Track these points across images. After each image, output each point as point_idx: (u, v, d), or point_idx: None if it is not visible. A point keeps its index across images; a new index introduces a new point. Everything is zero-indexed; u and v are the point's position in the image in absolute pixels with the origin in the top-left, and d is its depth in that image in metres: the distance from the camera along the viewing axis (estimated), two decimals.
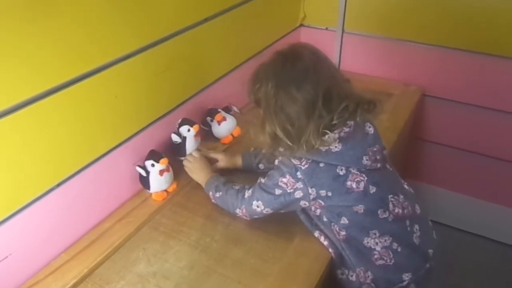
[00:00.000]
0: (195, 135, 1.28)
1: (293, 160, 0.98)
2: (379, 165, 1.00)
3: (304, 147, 0.94)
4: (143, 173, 1.17)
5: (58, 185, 1.00)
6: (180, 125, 1.28)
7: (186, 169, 1.24)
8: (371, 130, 1.01)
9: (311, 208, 1.04)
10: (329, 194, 0.97)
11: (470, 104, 1.71)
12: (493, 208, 1.85)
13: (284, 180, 0.99)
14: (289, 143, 0.95)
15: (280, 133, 0.95)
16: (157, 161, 1.16)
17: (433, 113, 1.80)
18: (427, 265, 1.05)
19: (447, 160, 1.87)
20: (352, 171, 0.97)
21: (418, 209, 1.08)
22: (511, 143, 1.71)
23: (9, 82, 0.84)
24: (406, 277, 1.01)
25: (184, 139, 1.27)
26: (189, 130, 1.27)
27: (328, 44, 1.85)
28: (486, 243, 1.89)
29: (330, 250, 1.04)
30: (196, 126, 1.27)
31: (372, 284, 1.01)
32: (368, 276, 1.01)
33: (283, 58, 0.98)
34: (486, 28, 1.56)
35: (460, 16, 1.59)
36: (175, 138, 1.27)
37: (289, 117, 0.94)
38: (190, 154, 1.26)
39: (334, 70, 1.00)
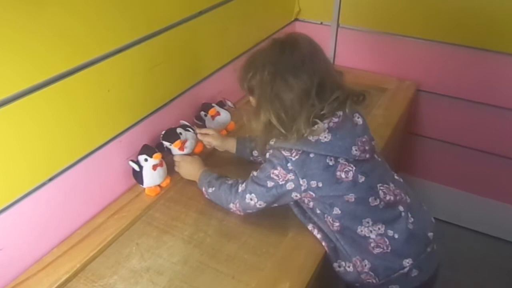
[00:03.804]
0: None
1: (283, 152, 0.98)
2: (367, 155, 1.00)
3: (295, 135, 0.95)
4: (136, 168, 1.16)
5: (50, 179, 1.00)
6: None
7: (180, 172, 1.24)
8: (359, 120, 1.02)
9: (304, 201, 1.04)
10: (320, 184, 0.98)
11: (464, 99, 1.71)
12: (486, 202, 1.86)
13: (276, 172, 0.99)
14: (282, 130, 0.95)
15: (274, 120, 0.95)
16: (150, 156, 1.15)
17: (427, 108, 1.81)
18: (428, 249, 1.05)
19: (441, 155, 1.88)
20: (341, 161, 0.97)
21: (408, 198, 1.08)
22: (505, 138, 1.72)
23: (2, 74, 0.83)
24: (407, 263, 1.01)
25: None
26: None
27: (323, 38, 1.84)
28: (479, 238, 1.91)
29: (323, 243, 1.04)
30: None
31: (371, 273, 1.01)
32: (365, 265, 1.01)
33: (281, 45, 0.98)
34: (481, 23, 1.56)
35: (455, 11, 1.59)
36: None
37: (283, 105, 0.94)
38: (174, 158, 1.24)
39: (328, 61, 1.02)
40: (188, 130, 1.26)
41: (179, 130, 1.24)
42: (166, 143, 1.23)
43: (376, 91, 1.62)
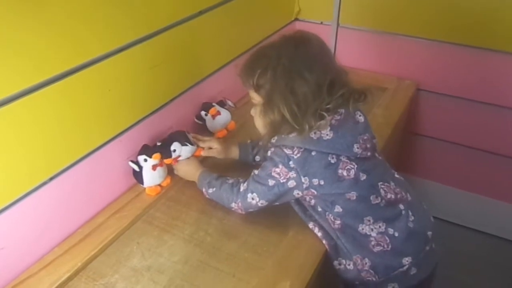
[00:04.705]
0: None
1: (285, 150, 0.98)
2: (369, 153, 1.00)
3: (307, 127, 0.94)
4: (136, 168, 1.16)
5: (51, 179, 1.00)
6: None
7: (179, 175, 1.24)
8: (361, 118, 1.02)
9: (305, 199, 1.04)
10: (321, 182, 0.98)
11: (464, 98, 1.72)
12: (487, 202, 1.86)
13: (277, 170, 0.99)
14: (295, 125, 0.94)
15: (287, 115, 0.94)
16: (150, 156, 1.15)
17: (427, 107, 1.81)
18: (427, 248, 1.05)
19: (441, 154, 1.88)
20: (343, 159, 0.97)
21: (409, 196, 1.09)
22: (505, 137, 1.72)
23: (1, 74, 0.83)
24: (406, 261, 1.02)
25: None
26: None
27: (323, 38, 1.83)
28: (479, 237, 1.91)
29: (324, 241, 1.05)
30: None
31: (371, 271, 1.02)
32: (366, 263, 1.02)
33: (294, 42, 0.98)
34: (481, 22, 1.56)
35: (456, 10, 1.59)
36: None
37: (297, 99, 0.93)
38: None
39: (336, 60, 1.03)
40: (186, 145, 1.19)
41: (174, 146, 1.18)
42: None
43: (376, 90, 1.61)
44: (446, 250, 1.16)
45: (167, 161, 1.19)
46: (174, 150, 1.19)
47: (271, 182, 1.01)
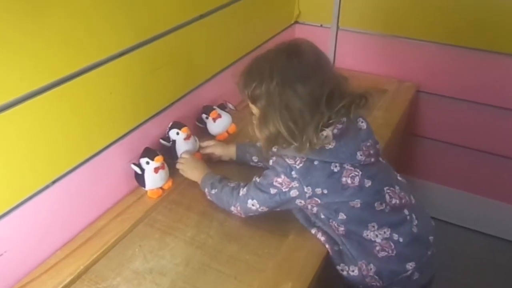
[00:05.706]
0: (186, 138, 1.26)
1: (287, 160, 0.97)
2: (373, 159, 1.00)
3: (307, 145, 0.92)
4: (138, 171, 1.17)
5: (54, 182, 1.01)
6: (170, 128, 1.27)
7: (181, 172, 1.24)
8: (363, 125, 1.02)
9: (307, 207, 1.04)
10: (325, 191, 0.97)
11: (464, 100, 1.72)
12: (488, 203, 1.86)
13: (279, 180, 0.99)
14: (293, 142, 0.93)
15: (284, 131, 0.92)
16: (152, 159, 1.16)
17: (427, 109, 1.81)
18: (429, 252, 1.06)
19: (442, 155, 1.88)
20: (346, 167, 0.97)
21: (413, 199, 1.09)
22: (505, 138, 1.72)
23: (5, 77, 0.84)
24: (410, 266, 1.02)
25: (173, 142, 1.27)
26: (178, 134, 1.26)
27: (323, 41, 1.85)
28: (480, 238, 1.91)
29: (327, 246, 1.04)
30: (185, 129, 1.25)
31: (376, 276, 1.02)
32: (371, 269, 1.01)
33: (287, 54, 0.95)
34: (481, 24, 1.57)
35: (456, 12, 1.60)
36: (163, 142, 1.26)
37: (293, 115, 0.92)
38: (181, 156, 1.26)
39: (333, 68, 1.00)
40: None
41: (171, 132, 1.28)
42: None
43: (377, 92, 1.61)
44: (447, 252, 1.17)
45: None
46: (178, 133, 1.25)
47: (273, 191, 1.01)
